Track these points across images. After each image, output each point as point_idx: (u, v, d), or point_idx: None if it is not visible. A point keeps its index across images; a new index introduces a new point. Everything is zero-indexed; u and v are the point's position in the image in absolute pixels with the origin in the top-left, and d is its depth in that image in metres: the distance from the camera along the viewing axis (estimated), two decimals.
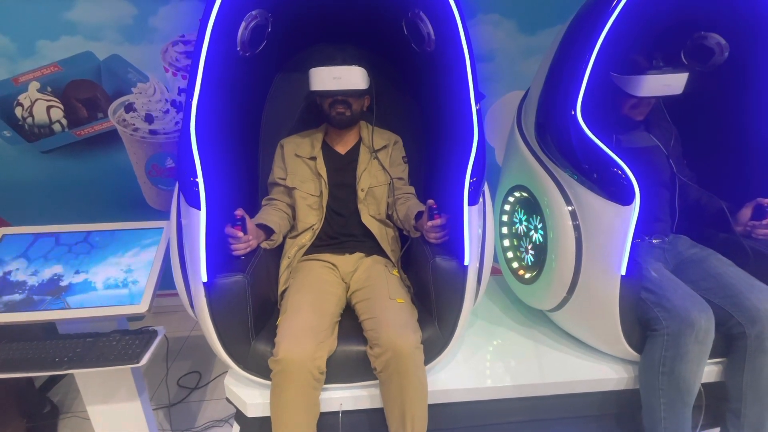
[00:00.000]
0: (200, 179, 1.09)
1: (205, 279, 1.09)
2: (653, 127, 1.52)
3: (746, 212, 1.38)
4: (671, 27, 1.47)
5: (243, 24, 1.26)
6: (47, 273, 1.25)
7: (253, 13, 1.27)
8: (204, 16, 1.13)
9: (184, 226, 1.13)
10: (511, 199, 1.56)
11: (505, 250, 1.62)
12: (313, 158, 1.46)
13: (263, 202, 1.50)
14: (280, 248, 1.45)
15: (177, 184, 1.17)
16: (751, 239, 1.38)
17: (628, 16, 1.19)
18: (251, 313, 1.17)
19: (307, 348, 1.09)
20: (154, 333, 1.21)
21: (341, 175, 1.46)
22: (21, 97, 1.86)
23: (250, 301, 1.16)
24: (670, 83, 1.33)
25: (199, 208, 1.08)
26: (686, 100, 1.40)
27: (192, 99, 1.12)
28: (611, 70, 1.38)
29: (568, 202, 1.28)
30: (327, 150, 1.49)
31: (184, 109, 1.13)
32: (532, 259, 1.48)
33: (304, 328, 1.12)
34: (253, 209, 1.51)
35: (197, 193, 1.08)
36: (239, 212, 1.20)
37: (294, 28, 1.46)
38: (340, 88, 1.34)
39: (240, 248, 1.22)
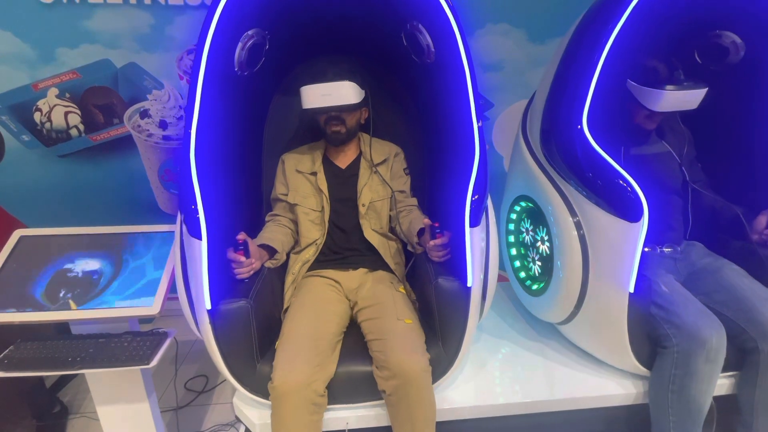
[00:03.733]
0: (200, 209, 1.09)
1: (209, 306, 1.10)
2: (666, 132, 1.47)
3: (762, 220, 1.34)
4: (685, 26, 1.42)
5: (239, 45, 1.25)
6: (60, 273, 1.28)
7: (249, 33, 1.27)
8: (199, 43, 1.13)
9: (187, 251, 1.13)
10: (517, 208, 1.54)
11: (512, 258, 1.61)
12: (314, 173, 1.45)
13: (267, 218, 1.50)
14: (285, 264, 1.45)
15: (179, 214, 1.17)
16: (767, 248, 1.34)
17: (639, 16, 1.15)
18: (256, 338, 1.17)
19: (302, 374, 1.08)
20: (165, 335, 1.22)
21: (342, 189, 1.46)
22: (40, 103, 1.91)
23: (254, 325, 1.16)
24: (688, 99, 1.26)
25: (200, 239, 1.08)
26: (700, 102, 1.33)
27: (191, 127, 1.12)
28: (627, 74, 1.31)
29: (573, 214, 1.26)
30: (327, 165, 1.48)
31: (183, 136, 1.13)
32: (540, 270, 1.46)
33: (300, 353, 1.12)
34: (257, 225, 1.51)
35: (198, 223, 1.08)
36: (241, 236, 1.21)
37: (292, 43, 1.45)
38: (330, 104, 1.33)
39: (243, 272, 1.22)
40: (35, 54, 1.84)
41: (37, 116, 1.93)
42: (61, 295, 1.23)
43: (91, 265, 1.30)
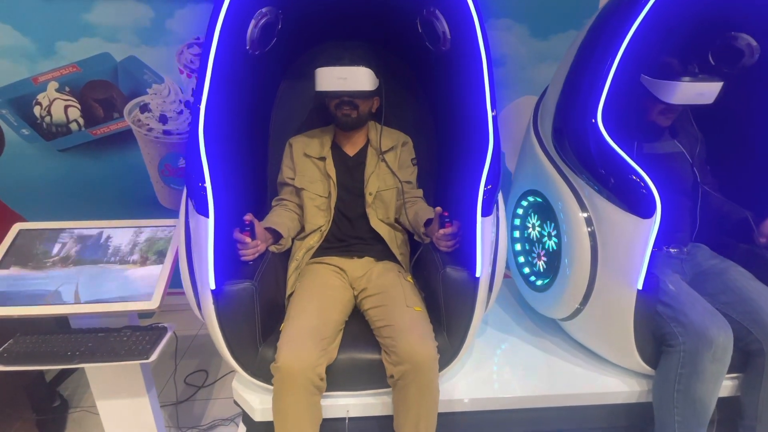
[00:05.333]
0: (208, 186, 1.08)
1: (213, 286, 1.09)
2: (679, 132, 1.45)
3: None
4: (700, 27, 1.40)
5: (252, 22, 1.24)
6: (61, 267, 1.27)
7: (263, 10, 1.25)
8: (213, 16, 1.11)
9: (193, 232, 1.12)
10: (524, 203, 1.53)
11: (516, 254, 1.60)
12: (323, 158, 1.44)
13: (273, 203, 1.50)
14: (289, 250, 1.45)
15: (185, 189, 1.17)
16: None
17: (654, 17, 1.14)
18: (259, 320, 1.17)
19: (308, 356, 1.08)
20: (164, 329, 1.22)
21: (349, 177, 1.45)
22: (40, 97, 1.90)
23: (258, 307, 1.16)
24: (703, 92, 1.24)
25: (207, 216, 1.08)
26: (712, 104, 1.31)
27: (200, 103, 1.11)
28: (641, 71, 1.30)
29: (584, 209, 1.25)
30: (336, 151, 1.47)
31: (192, 111, 1.12)
32: (545, 266, 1.45)
33: (306, 336, 1.12)
34: (261, 208, 1.50)
35: (205, 200, 1.08)
36: (248, 217, 1.20)
37: (304, 24, 1.44)
38: (345, 89, 1.32)
39: (248, 254, 1.22)
40: (35, 47, 1.83)
41: (37, 110, 1.92)
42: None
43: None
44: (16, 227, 1.34)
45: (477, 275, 1.18)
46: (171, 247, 1.32)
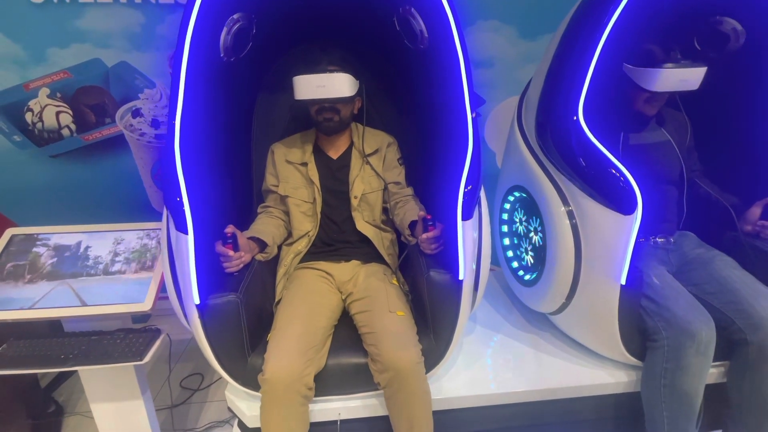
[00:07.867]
0: (186, 202, 1.06)
1: (197, 301, 1.09)
2: (666, 120, 1.44)
3: (756, 211, 1.33)
4: (684, 12, 1.38)
5: (225, 29, 1.22)
6: (53, 271, 1.28)
7: (235, 17, 1.22)
8: (182, 27, 1.09)
9: (174, 246, 1.11)
10: (511, 198, 1.55)
11: (505, 248, 1.62)
12: (305, 164, 1.44)
13: (259, 210, 1.49)
14: (277, 256, 1.45)
15: (165, 208, 1.14)
16: (759, 239, 1.33)
17: (636, 3, 1.12)
18: (246, 331, 1.17)
19: (294, 367, 1.09)
20: (158, 332, 1.23)
21: (334, 181, 1.44)
22: (31, 103, 1.90)
23: (245, 319, 1.16)
24: (687, 78, 1.22)
25: (186, 233, 1.06)
26: (698, 89, 1.30)
27: (174, 118, 1.08)
28: (624, 61, 1.29)
29: (566, 203, 1.26)
30: (318, 155, 1.46)
31: (168, 129, 1.08)
32: (532, 261, 1.47)
33: (293, 347, 1.12)
34: (248, 217, 1.50)
35: (184, 217, 1.06)
36: (229, 229, 1.19)
37: (280, 28, 1.41)
38: (324, 96, 1.29)
39: (232, 266, 1.21)
40: (26, 54, 1.84)
41: (28, 116, 1.92)
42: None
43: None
44: (9, 232, 1.35)
45: (460, 278, 1.18)
46: (162, 251, 1.32)
